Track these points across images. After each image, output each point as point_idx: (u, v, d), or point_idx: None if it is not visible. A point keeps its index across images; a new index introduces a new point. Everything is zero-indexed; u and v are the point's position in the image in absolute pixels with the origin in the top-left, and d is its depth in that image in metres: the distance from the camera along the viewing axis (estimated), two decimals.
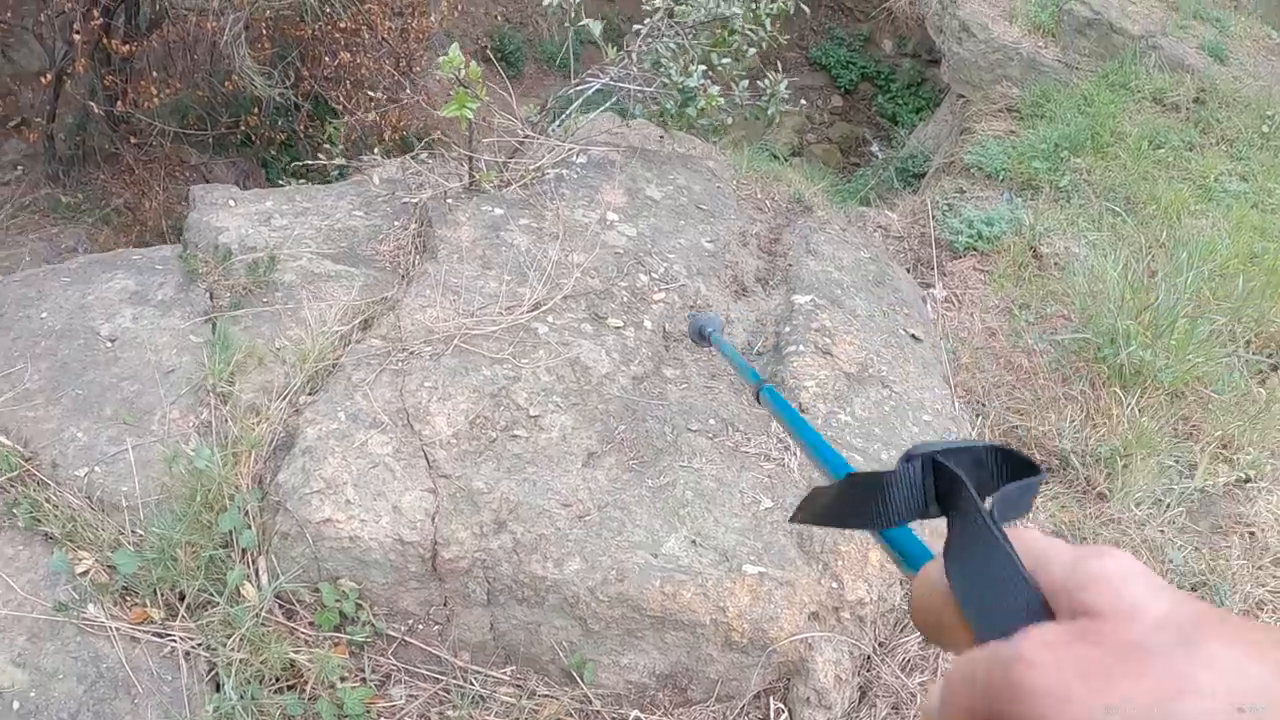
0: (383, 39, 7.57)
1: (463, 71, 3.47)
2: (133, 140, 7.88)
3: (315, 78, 7.55)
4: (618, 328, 3.32)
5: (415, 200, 4.01)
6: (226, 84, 7.47)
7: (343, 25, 7.16)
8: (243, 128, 7.89)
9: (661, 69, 3.93)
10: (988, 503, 0.55)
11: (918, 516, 0.59)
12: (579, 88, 4.08)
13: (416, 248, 3.76)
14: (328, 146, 5.88)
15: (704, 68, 3.92)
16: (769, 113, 4.26)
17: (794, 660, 2.64)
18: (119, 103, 7.39)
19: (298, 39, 7.50)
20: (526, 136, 3.97)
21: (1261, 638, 0.43)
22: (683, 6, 3.90)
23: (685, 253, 3.85)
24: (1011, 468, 0.58)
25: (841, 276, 4.03)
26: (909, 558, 0.66)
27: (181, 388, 3.16)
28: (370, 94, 7.24)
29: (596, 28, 3.85)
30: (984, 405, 4.26)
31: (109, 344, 3.36)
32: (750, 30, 4.01)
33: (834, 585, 2.67)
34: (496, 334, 3.14)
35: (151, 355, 3.29)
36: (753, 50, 4.12)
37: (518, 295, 3.33)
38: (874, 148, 11.06)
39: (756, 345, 3.60)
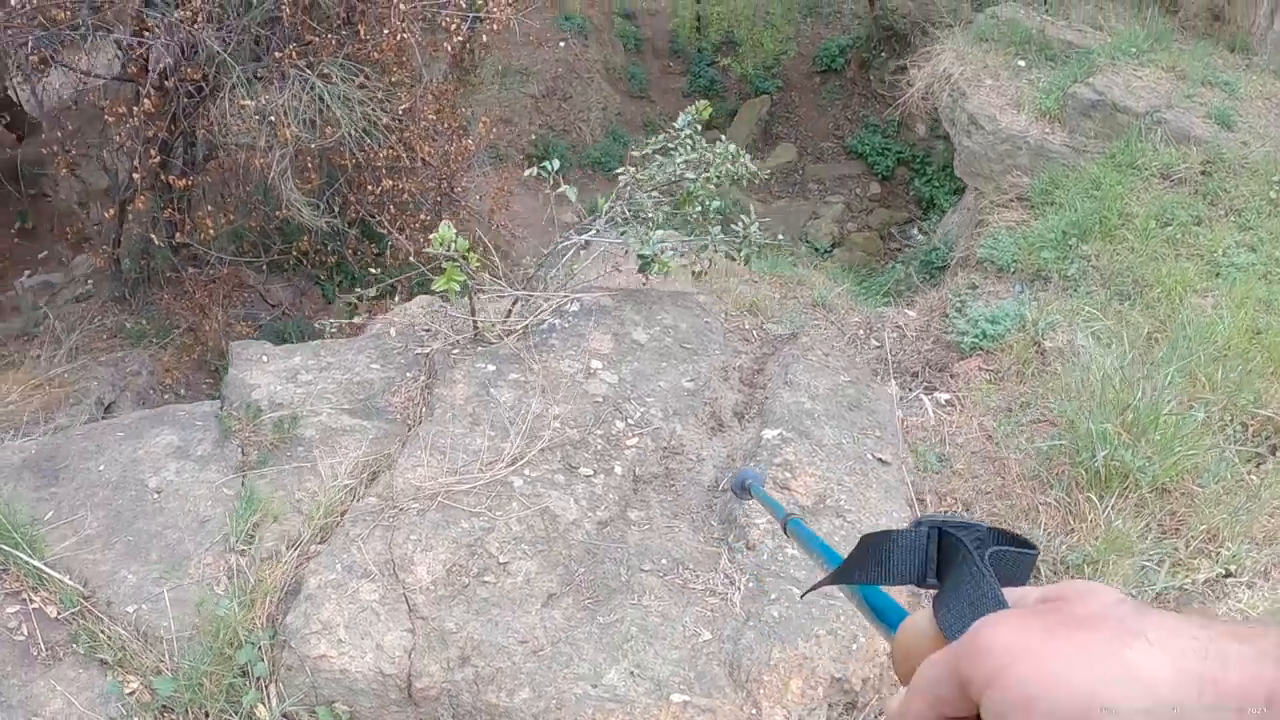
0: (424, 161, 8.38)
1: (452, 247, 4.17)
2: (192, 267, 8.78)
3: (361, 203, 8.38)
4: (588, 476, 4.00)
5: (426, 351, 4.74)
6: (278, 213, 8.32)
7: (384, 154, 7.94)
8: (294, 253, 8.74)
9: (627, 233, 4.61)
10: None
11: (914, 582, 0.69)
12: (564, 244, 4.78)
13: (424, 400, 4.47)
14: (358, 298, 6.63)
15: (661, 233, 4.60)
16: (742, 254, 4.90)
17: None
18: (178, 233, 8.31)
19: (342, 168, 8.32)
20: (520, 295, 4.66)
21: (1194, 618, 0.52)
22: (643, 175, 4.61)
23: (664, 395, 4.50)
24: (1009, 546, 0.67)
25: (814, 406, 4.61)
26: (889, 618, 0.78)
27: (215, 536, 3.93)
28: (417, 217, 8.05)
29: (572, 193, 4.58)
30: (968, 514, 4.66)
31: (156, 495, 4.15)
32: (707, 190, 4.69)
33: (753, 712, 3.26)
34: (476, 489, 3.86)
35: (190, 506, 4.08)
36: (717, 202, 4.79)
37: (499, 450, 4.03)
38: (915, 231, 11.52)
39: (722, 482, 4.18)
